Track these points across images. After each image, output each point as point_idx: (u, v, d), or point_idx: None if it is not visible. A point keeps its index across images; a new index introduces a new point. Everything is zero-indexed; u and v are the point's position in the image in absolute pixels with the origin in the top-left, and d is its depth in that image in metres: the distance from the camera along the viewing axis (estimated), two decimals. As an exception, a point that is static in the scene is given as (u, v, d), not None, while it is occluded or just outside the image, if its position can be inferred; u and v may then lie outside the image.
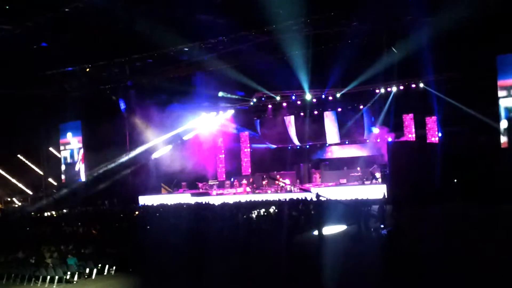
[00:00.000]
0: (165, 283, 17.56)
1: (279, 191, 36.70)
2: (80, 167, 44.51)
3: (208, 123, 44.09)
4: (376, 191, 30.48)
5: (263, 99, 41.18)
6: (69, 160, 45.61)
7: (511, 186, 25.29)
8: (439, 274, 15.30)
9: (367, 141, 38.63)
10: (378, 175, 34.75)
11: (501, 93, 30.34)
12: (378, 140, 37.94)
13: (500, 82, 30.25)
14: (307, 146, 42.73)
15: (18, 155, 46.44)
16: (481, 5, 26.13)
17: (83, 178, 44.18)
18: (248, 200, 33.78)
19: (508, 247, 16.99)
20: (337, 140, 39.28)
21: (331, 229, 22.17)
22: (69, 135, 45.35)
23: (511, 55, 29.59)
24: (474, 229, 21.71)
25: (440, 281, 14.62)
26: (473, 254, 17.22)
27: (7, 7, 27.41)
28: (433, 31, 28.09)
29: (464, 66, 31.11)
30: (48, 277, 18.17)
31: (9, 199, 45.44)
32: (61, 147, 46.38)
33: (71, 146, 45.23)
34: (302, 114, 41.31)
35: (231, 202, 33.56)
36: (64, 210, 39.36)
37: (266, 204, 30.31)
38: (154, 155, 43.50)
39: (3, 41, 30.69)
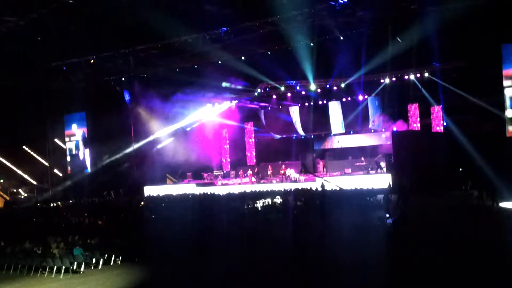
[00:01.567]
0: (171, 272, 17.62)
1: (284, 181, 36.73)
2: (86, 157, 44.64)
3: (213, 114, 44.12)
4: (381, 180, 30.49)
5: (267, 89, 41.15)
6: (74, 152, 45.77)
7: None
8: (444, 261, 15.33)
9: (372, 130, 38.57)
10: (383, 164, 34.72)
11: (506, 82, 30.27)
12: (383, 130, 37.90)
13: (505, 72, 30.15)
14: (312, 136, 42.73)
15: (24, 146, 46.59)
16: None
17: (88, 168, 44.33)
18: (253, 190, 33.84)
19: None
20: (342, 130, 39.23)
21: (336, 218, 22.29)
22: (74, 126, 45.50)
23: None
24: (479, 218, 21.79)
25: (445, 269, 14.66)
26: (476, 242, 17.27)
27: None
28: (438, 20, 27.95)
29: (469, 55, 30.97)
30: (55, 267, 18.24)
31: (14, 190, 45.61)
32: (66, 139, 46.54)
33: (76, 137, 45.36)
34: (306, 104, 41.32)
35: (236, 192, 33.64)
36: (70, 201, 39.53)
37: (272, 194, 30.39)
38: (159, 146, 43.58)
39: (8, 33, 30.71)
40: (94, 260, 18.80)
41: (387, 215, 22.45)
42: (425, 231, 19.91)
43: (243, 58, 36.10)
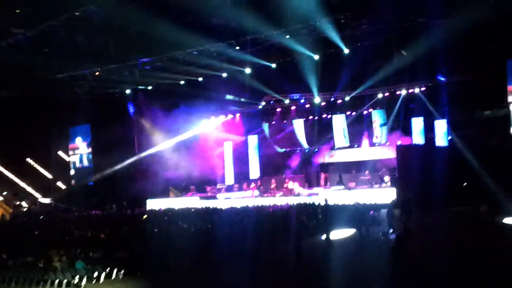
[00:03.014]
0: (174, 287, 17.52)
1: (287, 195, 36.57)
2: (89, 169, 44.63)
3: (217, 127, 44.10)
4: (385, 195, 30.31)
5: (271, 102, 41.16)
6: (78, 165, 45.71)
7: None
8: (448, 278, 15.18)
9: (376, 144, 38.44)
10: (387, 178, 34.56)
11: (511, 97, 30.15)
12: (387, 144, 37.76)
13: (510, 87, 30.02)
14: (316, 150, 42.61)
15: (28, 159, 46.59)
16: (493, 9, 25.94)
17: (91, 181, 44.27)
18: (256, 204, 33.70)
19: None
20: (346, 144, 39.06)
21: (339, 234, 22.15)
22: (78, 139, 45.42)
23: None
24: (484, 233, 21.60)
25: (449, 286, 14.52)
26: (482, 258, 17.11)
27: (18, 11, 27.44)
28: (443, 34, 27.93)
29: (474, 69, 30.94)
30: (57, 281, 18.17)
31: (18, 202, 45.55)
32: (70, 152, 46.53)
33: (80, 150, 45.30)
34: (311, 117, 41.22)
35: (239, 206, 33.52)
36: (73, 214, 39.45)
37: (275, 208, 30.26)
38: (162, 158, 43.47)
39: (15, 45, 30.79)
40: (96, 274, 18.70)
41: (391, 230, 22.29)
42: (429, 247, 19.76)
43: (247, 71, 36.13)
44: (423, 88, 35.55)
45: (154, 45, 31.49)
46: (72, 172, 46.13)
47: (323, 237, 21.92)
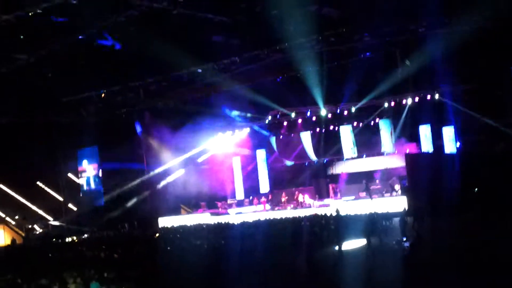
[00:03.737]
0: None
1: (298, 207, 36.59)
2: (99, 191, 44.69)
3: (225, 143, 44.24)
4: (396, 203, 30.29)
5: (278, 116, 41.27)
6: (86, 187, 45.75)
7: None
8: (462, 285, 15.15)
9: (385, 153, 38.45)
10: (397, 187, 34.55)
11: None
12: (396, 152, 37.76)
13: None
14: (325, 161, 42.67)
15: (38, 182, 46.75)
16: (496, 15, 26.04)
17: (102, 202, 44.34)
18: (267, 217, 33.71)
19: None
20: (354, 154, 39.07)
21: (352, 244, 22.13)
22: (84, 162, 45.44)
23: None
24: (496, 239, 21.50)
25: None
26: (495, 265, 17.05)
27: (22, 36, 27.73)
28: (447, 42, 28.03)
29: (479, 76, 31.01)
30: (72, 302, 18.21)
31: (30, 226, 45.67)
32: (79, 174, 46.63)
33: (88, 173, 45.33)
34: (317, 129, 41.30)
35: (250, 220, 33.52)
36: (85, 235, 39.52)
37: (286, 221, 30.25)
38: (172, 176, 43.59)
39: (19, 70, 31.07)
40: (110, 294, 18.71)
41: (404, 239, 22.27)
42: (442, 254, 19.69)
43: (252, 86, 36.30)
44: (429, 97, 35.57)
45: (157, 64, 31.66)
46: (82, 193, 46.20)
47: (336, 248, 21.89)
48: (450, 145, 35.84)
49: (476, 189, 31.51)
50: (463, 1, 25.15)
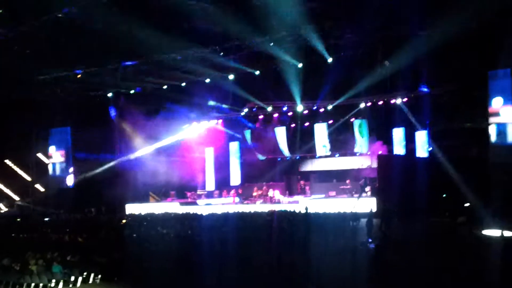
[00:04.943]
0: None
1: (268, 202, 36.57)
2: (68, 173, 44.11)
3: (199, 132, 43.97)
4: (365, 204, 30.43)
5: (254, 109, 41.09)
6: (54, 169, 45.06)
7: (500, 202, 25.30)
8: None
9: (357, 154, 38.58)
10: (367, 188, 34.70)
11: (491, 109, 30.30)
12: (368, 153, 37.91)
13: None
14: (297, 158, 42.68)
15: (6, 160, 46.00)
16: (474, 20, 26.22)
17: (70, 184, 43.78)
18: (237, 211, 33.65)
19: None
20: (327, 153, 39.15)
21: (319, 242, 22.17)
22: (56, 143, 44.70)
23: (501, 70, 29.54)
24: (461, 244, 21.77)
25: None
26: (459, 269, 17.25)
27: (1, 11, 27.13)
28: (427, 44, 28.15)
29: (456, 80, 31.21)
30: (33, 284, 17.93)
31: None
32: (50, 154, 45.95)
33: (57, 155, 44.65)
34: (293, 125, 41.25)
35: (219, 212, 33.43)
36: (51, 217, 39.00)
37: (255, 215, 30.23)
38: (143, 163, 43.13)
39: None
40: (72, 278, 18.46)
41: (370, 240, 22.37)
42: (408, 256, 19.84)
43: (231, 77, 36.08)
44: (405, 99, 35.75)
45: (137, 48, 31.28)
46: (50, 171, 45.51)
47: (306, 244, 21.89)
48: (422, 149, 36.07)
49: (444, 195, 31.78)
50: (444, 4, 25.22)
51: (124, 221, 32.35)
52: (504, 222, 21.70)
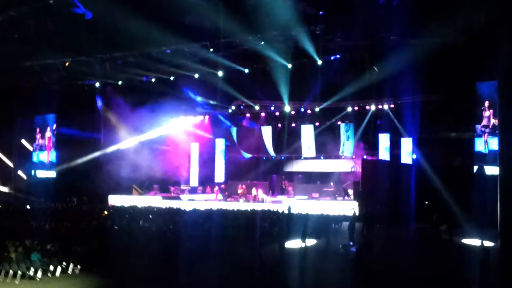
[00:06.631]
0: (129, 284, 17.34)
1: (251, 201, 36.57)
2: (51, 161, 43.85)
3: (185, 127, 43.86)
4: (348, 207, 30.54)
5: (241, 107, 41.09)
6: (37, 156, 44.82)
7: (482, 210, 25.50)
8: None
9: (342, 157, 38.71)
10: (350, 191, 34.83)
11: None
12: (353, 157, 38.07)
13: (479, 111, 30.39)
14: (282, 158, 42.74)
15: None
16: (463, 31, 26.42)
17: (53, 173, 43.53)
18: (219, 207, 33.61)
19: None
20: (313, 154, 39.24)
21: (300, 243, 22.20)
22: (40, 130, 44.49)
23: (489, 82, 29.81)
24: (440, 252, 21.93)
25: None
26: (439, 275, 17.39)
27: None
28: (415, 53, 28.32)
29: (443, 90, 31.45)
30: (11, 272, 17.79)
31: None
32: (33, 142, 45.65)
33: (41, 142, 44.36)
34: (279, 125, 41.30)
35: (202, 208, 33.39)
36: (32, 205, 38.70)
37: (238, 213, 30.21)
38: (127, 155, 42.89)
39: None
40: (51, 267, 18.34)
41: (351, 243, 22.45)
42: (388, 261, 19.97)
43: (220, 74, 36.04)
44: (392, 105, 35.97)
45: (127, 39, 31.17)
46: (34, 158, 45.21)
47: (282, 244, 21.88)
48: (407, 156, 36.28)
49: (426, 202, 31.98)
50: (435, 14, 25.41)
51: (106, 212, 32.18)
52: (484, 232, 21.87)
